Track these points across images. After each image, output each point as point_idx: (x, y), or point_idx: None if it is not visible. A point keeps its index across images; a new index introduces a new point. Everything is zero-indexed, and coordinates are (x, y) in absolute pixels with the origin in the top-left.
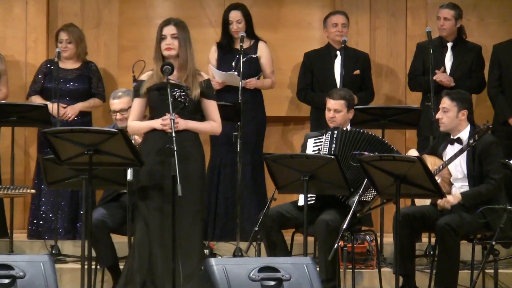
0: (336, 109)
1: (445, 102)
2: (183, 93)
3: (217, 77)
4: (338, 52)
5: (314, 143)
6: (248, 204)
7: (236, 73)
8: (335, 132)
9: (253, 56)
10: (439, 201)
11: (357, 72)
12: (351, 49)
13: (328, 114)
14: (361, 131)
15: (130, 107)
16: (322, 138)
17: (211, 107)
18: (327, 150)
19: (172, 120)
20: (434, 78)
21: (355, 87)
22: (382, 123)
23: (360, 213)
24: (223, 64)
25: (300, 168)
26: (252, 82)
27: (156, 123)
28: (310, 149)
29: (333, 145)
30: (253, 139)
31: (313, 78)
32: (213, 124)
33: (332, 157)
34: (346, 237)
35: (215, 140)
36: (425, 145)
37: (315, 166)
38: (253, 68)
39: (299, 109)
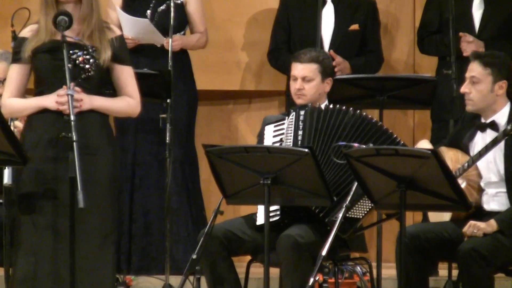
0: (305, 77)
1: (475, 68)
2: (87, 57)
3: (126, 29)
4: None
5: (275, 131)
6: (180, 219)
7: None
8: (301, 112)
9: (176, 1)
10: (466, 228)
11: (355, 27)
12: None
13: (294, 85)
14: (344, 109)
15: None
16: (284, 123)
17: (127, 76)
18: (290, 141)
19: (70, 96)
20: (462, 48)
21: (352, 49)
22: (380, 100)
23: (346, 235)
24: (131, 15)
25: (259, 167)
26: (177, 41)
27: (49, 101)
28: (269, 141)
29: (299, 133)
30: (184, 125)
31: (291, 34)
32: (129, 101)
33: (306, 150)
34: (326, 268)
35: (125, 126)
36: (443, 133)
37: (281, 164)
38: (177, 20)
39: (257, 81)
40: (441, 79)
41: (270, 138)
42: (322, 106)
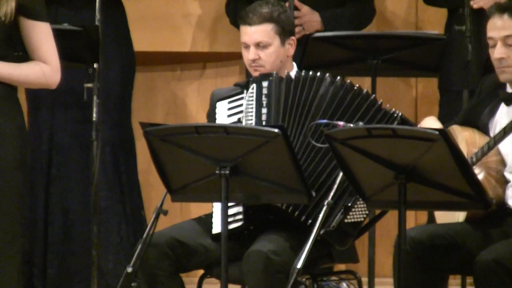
0: (259, 43)
1: (509, 24)
2: None
3: None
4: None
5: (230, 108)
6: (111, 221)
7: None
8: (264, 84)
9: None
10: None
11: None
12: None
13: (246, 54)
14: (319, 76)
15: None
16: (242, 98)
17: (40, 34)
18: (252, 122)
19: None
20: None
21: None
22: (372, 65)
23: (345, 246)
24: None
25: (215, 153)
26: None
27: None
28: (223, 122)
29: (263, 111)
30: (116, 97)
31: None
32: (43, 67)
33: (276, 130)
34: (303, 285)
35: (39, 99)
36: (454, 108)
37: (243, 149)
38: None
39: (212, 40)
40: (451, 37)
41: (224, 118)
42: (292, 75)
